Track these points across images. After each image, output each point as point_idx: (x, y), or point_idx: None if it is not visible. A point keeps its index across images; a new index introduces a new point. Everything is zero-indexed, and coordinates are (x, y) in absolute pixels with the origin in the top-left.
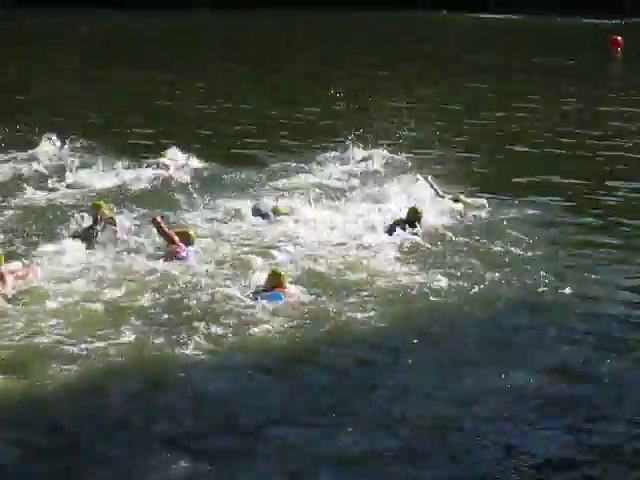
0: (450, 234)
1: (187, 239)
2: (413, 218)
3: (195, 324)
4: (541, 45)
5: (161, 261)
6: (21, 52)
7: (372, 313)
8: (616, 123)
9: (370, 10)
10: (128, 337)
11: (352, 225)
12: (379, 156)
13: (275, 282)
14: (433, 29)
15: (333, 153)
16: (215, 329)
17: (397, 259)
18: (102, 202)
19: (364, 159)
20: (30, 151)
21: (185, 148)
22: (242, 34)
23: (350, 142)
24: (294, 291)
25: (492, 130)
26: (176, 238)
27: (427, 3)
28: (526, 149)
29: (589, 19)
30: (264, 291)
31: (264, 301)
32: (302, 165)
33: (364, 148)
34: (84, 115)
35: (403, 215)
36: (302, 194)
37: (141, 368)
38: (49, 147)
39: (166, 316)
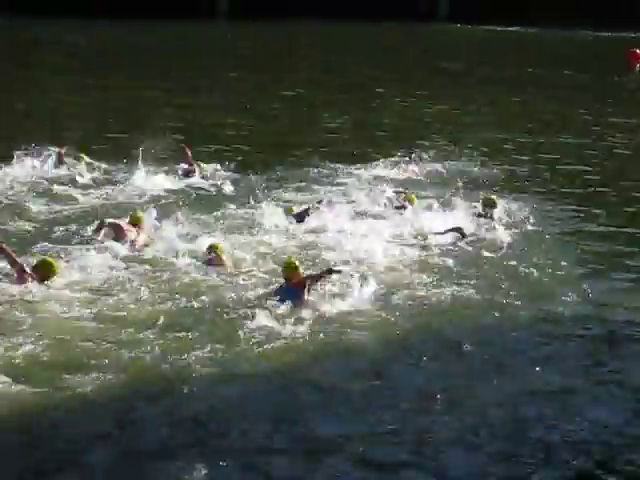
0: (477, 247)
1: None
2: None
3: (213, 332)
4: (555, 58)
5: (184, 268)
6: (22, 61)
7: (393, 323)
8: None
9: (389, 22)
10: (144, 345)
11: (376, 235)
12: (405, 165)
13: (290, 273)
14: (448, 41)
15: (353, 164)
16: (233, 337)
17: (421, 270)
18: (141, 215)
19: (392, 166)
20: (56, 158)
21: (210, 157)
22: (262, 45)
23: (365, 152)
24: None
25: (505, 142)
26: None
27: (445, 15)
28: (542, 162)
29: (607, 32)
30: (282, 287)
31: (283, 303)
32: (322, 175)
33: (383, 158)
34: (99, 124)
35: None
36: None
37: (155, 378)
38: (73, 155)
39: (184, 323)
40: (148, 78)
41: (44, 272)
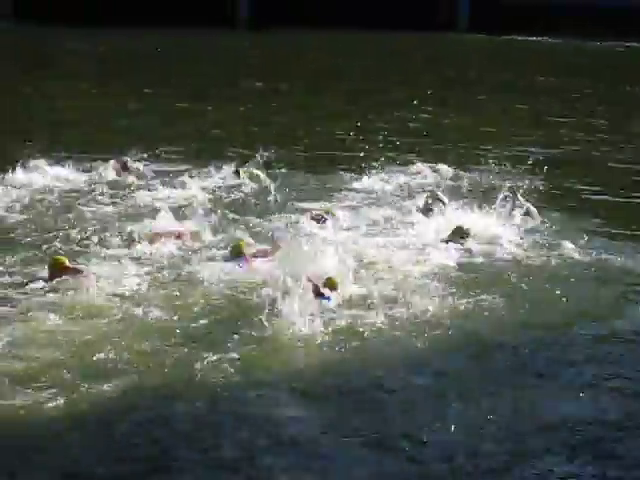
0: (502, 253)
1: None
2: (459, 235)
3: (242, 335)
4: (569, 67)
5: (215, 274)
6: (32, 67)
7: (419, 333)
8: None
9: (410, 32)
10: (170, 351)
11: (400, 240)
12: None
13: (331, 285)
14: (464, 50)
15: (371, 171)
16: (260, 343)
17: (444, 279)
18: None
19: (419, 173)
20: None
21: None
22: (280, 53)
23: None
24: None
25: (523, 152)
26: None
27: (464, 25)
28: (559, 172)
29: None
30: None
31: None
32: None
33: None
34: (124, 131)
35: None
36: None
37: (182, 384)
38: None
39: (212, 329)
40: (163, 85)
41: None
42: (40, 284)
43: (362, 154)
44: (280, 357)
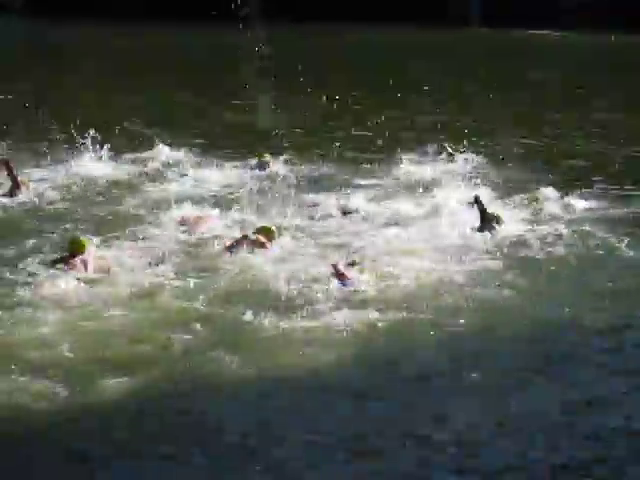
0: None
1: (269, 235)
2: (492, 222)
3: (260, 330)
4: (580, 62)
5: (246, 259)
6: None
7: (442, 326)
8: None
9: (420, 27)
10: (189, 344)
11: (428, 231)
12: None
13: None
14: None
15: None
16: (281, 336)
17: (468, 270)
18: None
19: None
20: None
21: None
22: (286, 49)
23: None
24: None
25: (535, 146)
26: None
27: (476, 20)
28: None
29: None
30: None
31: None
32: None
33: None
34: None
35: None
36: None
37: (198, 380)
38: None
39: (228, 322)
40: (182, 79)
41: (74, 250)
42: (59, 274)
43: (380, 147)
44: (301, 350)
